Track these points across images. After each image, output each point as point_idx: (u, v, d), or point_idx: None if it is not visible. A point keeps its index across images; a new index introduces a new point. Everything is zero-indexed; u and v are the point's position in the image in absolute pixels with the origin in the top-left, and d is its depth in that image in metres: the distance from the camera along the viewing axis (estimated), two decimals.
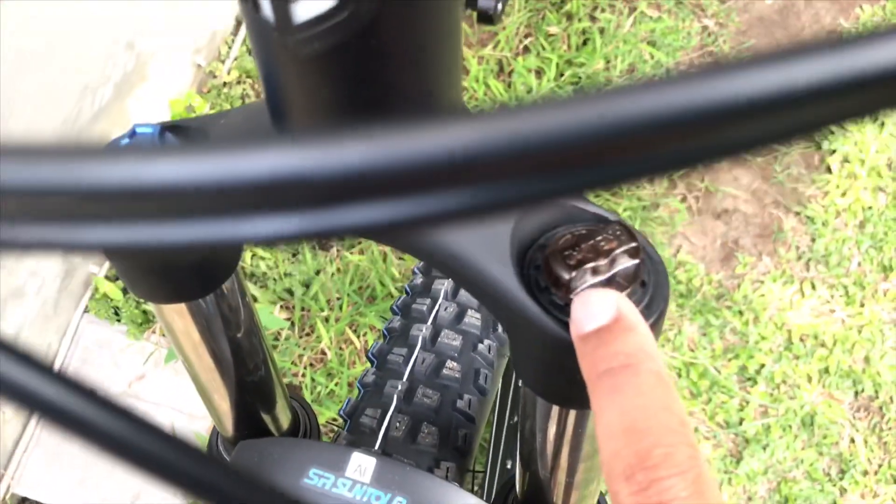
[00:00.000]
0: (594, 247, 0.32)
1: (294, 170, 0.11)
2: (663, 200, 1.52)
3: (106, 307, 1.38)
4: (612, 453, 0.26)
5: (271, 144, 0.10)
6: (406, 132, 0.10)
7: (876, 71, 0.12)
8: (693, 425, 1.37)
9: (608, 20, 1.63)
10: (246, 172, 0.10)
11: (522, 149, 0.11)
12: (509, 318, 0.33)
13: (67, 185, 0.11)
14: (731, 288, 1.47)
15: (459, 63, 0.32)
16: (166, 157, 0.11)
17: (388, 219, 0.11)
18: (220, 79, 1.56)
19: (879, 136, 1.58)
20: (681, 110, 0.11)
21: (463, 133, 0.11)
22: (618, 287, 0.32)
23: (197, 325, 0.43)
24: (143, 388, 1.34)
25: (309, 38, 0.27)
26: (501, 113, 0.11)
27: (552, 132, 0.12)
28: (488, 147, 0.10)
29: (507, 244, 0.33)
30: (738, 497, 1.34)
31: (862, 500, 1.35)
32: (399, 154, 0.10)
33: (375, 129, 0.10)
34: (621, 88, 0.12)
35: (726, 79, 0.12)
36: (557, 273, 0.32)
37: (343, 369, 1.36)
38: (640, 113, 0.12)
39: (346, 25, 0.26)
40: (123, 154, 0.11)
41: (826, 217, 1.52)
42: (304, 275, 1.42)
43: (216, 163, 0.10)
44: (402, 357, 0.55)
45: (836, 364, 1.42)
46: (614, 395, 0.27)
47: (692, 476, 0.24)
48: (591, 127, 0.12)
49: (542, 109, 0.12)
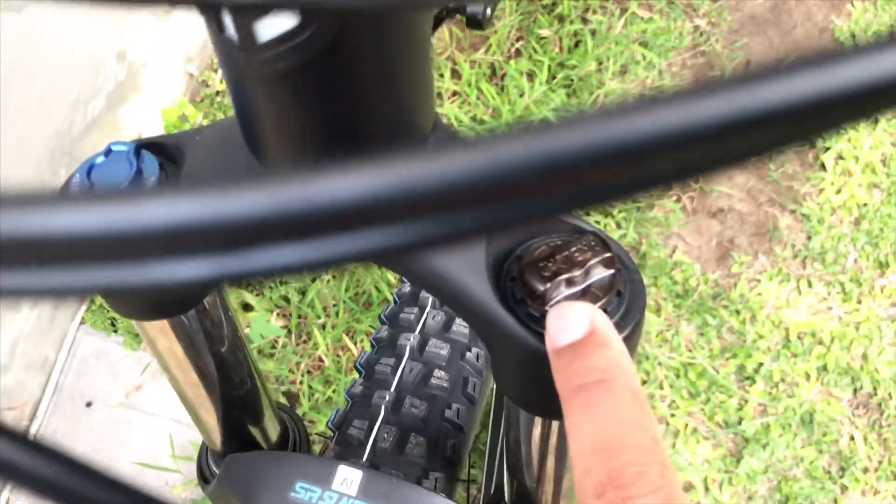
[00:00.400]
0: (569, 258, 0.32)
1: (197, 216, 0.11)
2: (658, 201, 1.52)
3: (102, 318, 1.38)
4: (584, 471, 0.26)
5: (174, 192, 0.10)
6: (311, 177, 0.10)
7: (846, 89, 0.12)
8: (692, 425, 1.37)
9: (599, 22, 1.63)
10: (143, 219, 0.10)
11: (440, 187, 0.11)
12: (487, 331, 0.33)
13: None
14: (728, 287, 1.47)
15: (430, 78, 0.32)
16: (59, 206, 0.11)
17: (305, 260, 0.11)
18: (212, 88, 1.56)
19: (873, 133, 1.57)
20: (607, 147, 0.11)
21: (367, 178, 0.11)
22: (593, 298, 0.32)
23: (180, 342, 0.43)
24: (140, 399, 1.35)
25: (273, 57, 0.27)
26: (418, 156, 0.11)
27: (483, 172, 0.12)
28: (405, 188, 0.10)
29: (482, 257, 0.33)
30: (738, 497, 1.34)
31: (863, 497, 1.35)
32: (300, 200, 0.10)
33: (282, 175, 0.10)
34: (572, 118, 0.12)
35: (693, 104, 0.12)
36: (532, 285, 0.32)
37: (340, 376, 1.36)
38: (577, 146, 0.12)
39: (310, 44, 0.26)
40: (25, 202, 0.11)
41: (821, 214, 1.52)
42: (299, 282, 1.42)
43: (117, 210, 0.10)
44: (389, 367, 0.55)
45: (835, 361, 1.42)
46: (587, 411, 0.27)
47: (663, 495, 0.24)
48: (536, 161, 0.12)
49: (477, 147, 0.12)
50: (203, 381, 0.47)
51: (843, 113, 0.13)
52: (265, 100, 0.29)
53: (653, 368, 1.40)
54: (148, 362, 1.36)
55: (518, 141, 0.11)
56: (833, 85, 0.12)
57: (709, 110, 0.13)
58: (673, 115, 0.12)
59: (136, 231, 0.11)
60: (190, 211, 0.10)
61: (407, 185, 0.10)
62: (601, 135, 0.13)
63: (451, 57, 1.63)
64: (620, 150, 0.13)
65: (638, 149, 0.12)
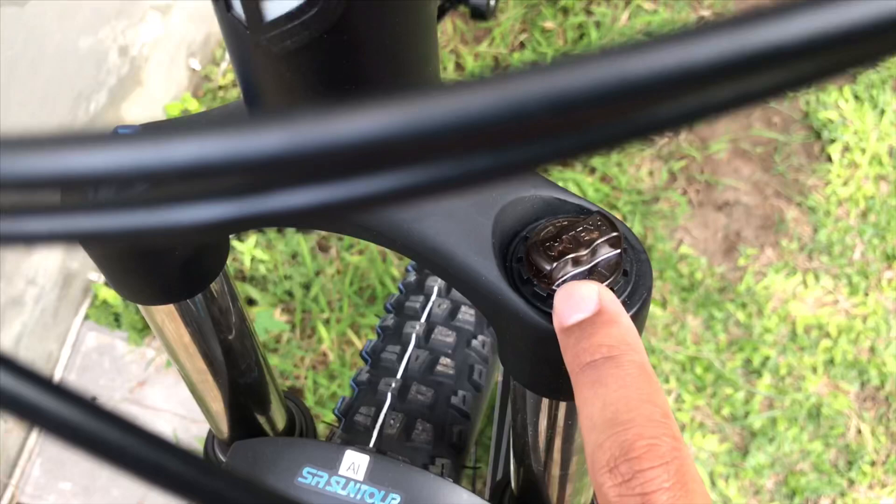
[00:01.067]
0: (575, 237, 0.32)
1: (228, 154, 0.10)
2: (664, 194, 1.51)
3: (106, 314, 1.38)
4: (595, 445, 0.26)
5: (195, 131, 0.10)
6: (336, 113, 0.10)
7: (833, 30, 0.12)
8: (699, 419, 1.37)
9: (604, 14, 1.63)
10: (170, 159, 0.10)
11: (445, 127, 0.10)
12: (494, 311, 0.33)
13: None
14: (734, 280, 1.46)
15: (436, 58, 0.32)
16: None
17: (320, 201, 0.11)
18: (215, 82, 1.56)
19: (880, 124, 1.57)
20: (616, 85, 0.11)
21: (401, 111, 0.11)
22: (599, 277, 0.32)
23: (186, 327, 0.43)
24: (145, 394, 1.35)
25: (280, 35, 0.27)
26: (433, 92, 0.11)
27: (505, 105, 0.12)
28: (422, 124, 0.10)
29: (488, 237, 0.33)
30: (745, 490, 1.34)
31: (870, 490, 1.34)
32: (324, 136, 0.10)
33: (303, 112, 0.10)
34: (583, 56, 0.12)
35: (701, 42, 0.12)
36: (539, 264, 0.32)
37: (345, 370, 1.36)
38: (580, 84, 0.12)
39: (317, 21, 0.26)
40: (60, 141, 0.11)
41: (828, 207, 1.52)
42: (303, 277, 1.42)
43: (140, 150, 0.10)
44: (395, 354, 0.55)
45: (841, 354, 1.41)
46: (597, 387, 0.27)
47: (675, 467, 0.24)
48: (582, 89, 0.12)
49: (488, 85, 0.12)
50: (210, 368, 0.47)
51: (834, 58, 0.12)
52: (272, 79, 0.29)
53: (659, 362, 1.39)
54: (152, 357, 1.37)
55: (538, 75, 0.11)
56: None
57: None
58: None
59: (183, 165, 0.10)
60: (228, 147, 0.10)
61: (447, 117, 0.10)
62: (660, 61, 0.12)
63: (454, 50, 1.62)
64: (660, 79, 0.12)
65: (660, 81, 0.12)
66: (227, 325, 0.45)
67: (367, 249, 1.43)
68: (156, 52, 1.42)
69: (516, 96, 0.11)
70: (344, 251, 1.44)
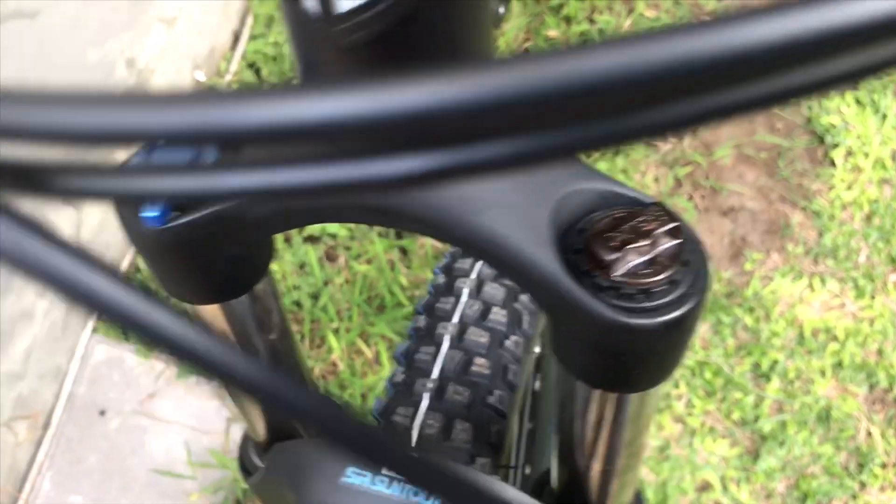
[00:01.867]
0: (635, 228, 0.33)
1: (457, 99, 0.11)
2: (669, 199, 1.52)
3: (114, 327, 1.37)
4: None
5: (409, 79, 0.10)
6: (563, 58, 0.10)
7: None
8: (709, 424, 1.37)
9: (607, 22, 1.64)
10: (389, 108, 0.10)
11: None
12: (551, 303, 0.33)
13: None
14: (741, 285, 1.47)
15: (494, 47, 0.32)
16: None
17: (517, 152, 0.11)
18: None
19: (882, 129, 1.58)
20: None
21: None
22: (660, 267, 0.32)
23: (231, 327, 0.43)
24: (155, 406, 1.34)
25: (350, 27, 0.27)
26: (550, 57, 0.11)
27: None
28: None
29: (545, 229, 0.33)
30: (757, 494, 1.33)
31: (882, 493, 1.35)
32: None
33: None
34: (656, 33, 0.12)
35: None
36: (599, 255, 0.32)
37: (355, 380, 1.36)
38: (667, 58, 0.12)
39: (389, 14, 0.27)
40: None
41: (832, 211, 1.53)
42: (312, 286, 1.42)
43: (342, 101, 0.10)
44: (430, 355, 0.55)
45: (850, 357, 1.42)
46: None
47: None
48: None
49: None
50: None
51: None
52: (340, 71, 0.29)
53: None
54: (162, 369, 1.36)
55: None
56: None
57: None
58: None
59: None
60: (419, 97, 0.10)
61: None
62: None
63: None
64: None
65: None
66: (269, 326, 0.45)
67: (376, 258, 1.43)
68: (162, 64, 1.42)
69: (633, 60, 0.11)
70: (352, 260, 1.44)
